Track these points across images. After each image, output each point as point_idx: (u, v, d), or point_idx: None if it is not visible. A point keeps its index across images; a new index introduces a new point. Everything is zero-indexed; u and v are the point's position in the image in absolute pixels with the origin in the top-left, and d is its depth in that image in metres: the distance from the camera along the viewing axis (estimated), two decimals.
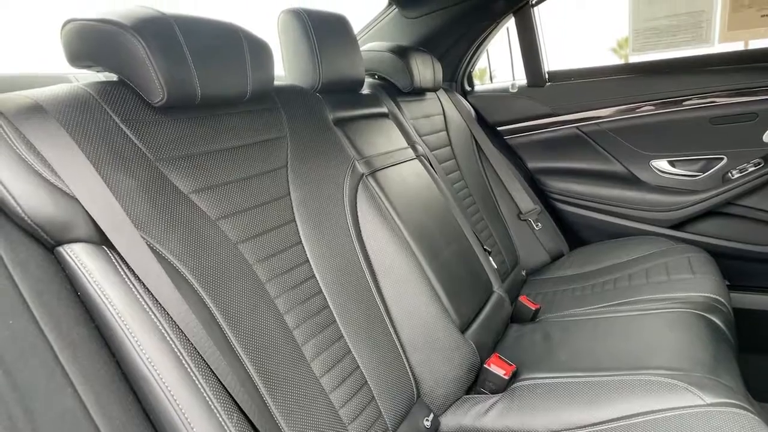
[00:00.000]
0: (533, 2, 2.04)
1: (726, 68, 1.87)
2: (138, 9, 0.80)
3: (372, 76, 1.76)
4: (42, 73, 1.01)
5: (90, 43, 0.79)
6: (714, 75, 1.88)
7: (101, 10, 0.79)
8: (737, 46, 1.90)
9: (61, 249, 0.67)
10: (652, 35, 1.89)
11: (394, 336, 1.10)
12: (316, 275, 0.99)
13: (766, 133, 1.81)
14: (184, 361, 0.69)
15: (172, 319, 0.70)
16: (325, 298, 0.99)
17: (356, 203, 1.17)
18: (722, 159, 1.91)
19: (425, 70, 1.76)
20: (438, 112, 1.90)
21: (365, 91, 1.60)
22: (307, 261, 0.99)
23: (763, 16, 1.75)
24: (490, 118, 2.28)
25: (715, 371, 1.04)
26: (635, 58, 2.00)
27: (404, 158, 1.45)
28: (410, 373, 1.09)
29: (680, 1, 1.83)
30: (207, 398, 0.69)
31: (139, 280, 0.70)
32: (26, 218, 0.64)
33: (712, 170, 1.93)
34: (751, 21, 1.76)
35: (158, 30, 0.79)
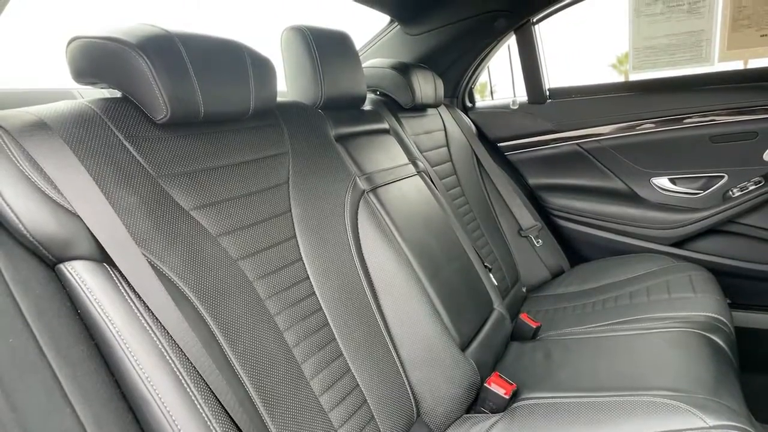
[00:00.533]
0: (534, 20, 2.06)
1: (726, 87, 1.88)
2: (142, 26, 0.81)
3: (374, 92, 1.77)
4: (46, 88, 1.01)
5: (94, 60, 0.79)
6: (714, 93, 1.89)
7: (106, 27, 0.80)
8: (737, 65, 1.91)
9: (62, 266, 0.67)
10: (651, 54, 1.90)
11: (393, 354, 1.09)
12: (316, 292, 0.99)
13: (766, 152, 1.82)
14: (183, 381, 0.68)
15: (171, 338, 0.70)
16: (325, 316, 0.98)
17: (357, 219, 1.17)
18: (723, 177, 1.91)
19: (426, 86, 1.77)
20: (439, 128, 1.91)
21: (367, 107, 1.61)
22: (308, 278, 0.99)
23: (762, 35, 1.76)
24: (490, 134, 2.29)
25: (717, 392, 1.03)
26: (635, 76, 2.02)
27: (405, 174, 1.45)
28: (410, 392, 1.09)
29: (680, 20, 1.84)
30: (205, 419, 0.68)
31: (140, 298, 0.69)
32: (28, 235, 0.64)
33: (712, 188, 1.93)
34: (750, 40, 1.77)
35: (162, 47, 0.79)
